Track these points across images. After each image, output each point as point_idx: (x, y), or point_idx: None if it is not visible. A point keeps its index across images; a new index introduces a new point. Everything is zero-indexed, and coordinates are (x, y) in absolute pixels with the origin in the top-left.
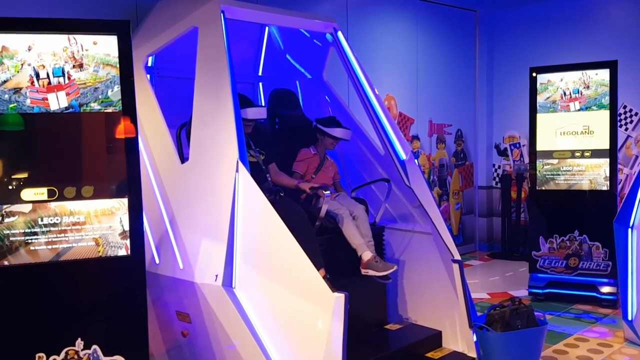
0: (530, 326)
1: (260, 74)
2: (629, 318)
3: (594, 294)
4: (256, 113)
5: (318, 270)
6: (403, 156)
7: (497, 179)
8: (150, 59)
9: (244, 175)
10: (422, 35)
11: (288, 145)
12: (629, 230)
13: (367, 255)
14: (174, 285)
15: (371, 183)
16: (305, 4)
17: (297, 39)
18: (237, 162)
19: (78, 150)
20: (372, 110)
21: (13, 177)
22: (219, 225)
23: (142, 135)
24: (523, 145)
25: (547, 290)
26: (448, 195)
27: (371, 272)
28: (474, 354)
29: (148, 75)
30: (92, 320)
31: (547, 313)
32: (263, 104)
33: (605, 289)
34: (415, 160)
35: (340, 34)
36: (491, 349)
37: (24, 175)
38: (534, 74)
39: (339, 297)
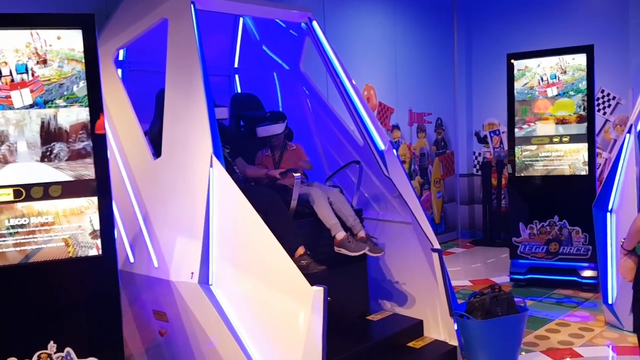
0: (511, 313)
1: (236, 66)
2: (609, 302)
3: (575, 279)
4: (216, 113)
5: (297, 248)
6: (381, 146)
7: (477, 167)
8: (121, 52)
9: (219, 169)
10: (400, 24)
11: (255, 145)
12: (608, 214)
13: (340, 235)
14: (149, 284)
15: (342, 168)
16: None
17: (272, 29)
18: (212, 156)
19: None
20: (350, 101)
21: None
22: (193, 222)
23: (113, 132)
24: (502, 132)
25: (529, 276)
26: (429, 183)
27: (343, 252)
28: (455, 343)
29: (119, 70)
30: (65, 323)
31: (529, 299)
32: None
33: (586, 273)
34: (394, 151)
35: (315, 23)
36: (472, 337)
37: None
38: (512, 61)
39: (318, 291)
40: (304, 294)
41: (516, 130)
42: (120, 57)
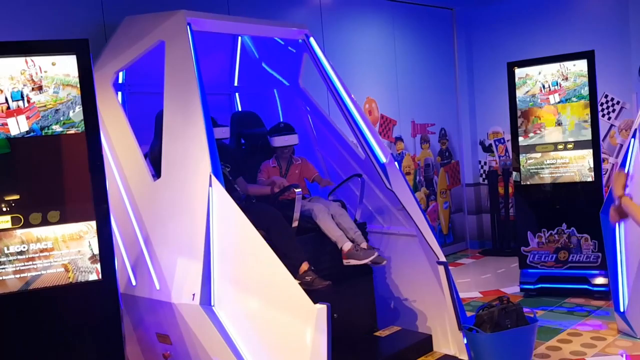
0: (520, 325)
1: (236, 84)
2: (621, 310)
3: (586, 287)
4: (219, 133)
5: (300, 264)
6: (383, 159)
7: (483, 176)
8: (121, 75)
9: (218, 189)
10: (399, 36)
11: (256, 161)
12: None
13: (347, 246)
14: (151, 306)
15: (344, 182)
16: (277, 10)
17: (271, 46)
18: (210, 176)
19: (41, 174)
20: (349, 114)
21: None
22: (194, 242)
23: (113, 155)
24: (507, 141)
25: (539, 286)
26: (436, 194)
27: (353, 262)
28: (465, 357)
29: (119, 93)
30: (67, 349)
31: (540, 308)
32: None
33: (597, 281)
34: (395, 163)
35: (312, 39)
36: (482, 351)
37: None
38: (514, 68)
39: (321, 309)
40: (307, 312)
41: (520, 138)
42: (120, 80)
